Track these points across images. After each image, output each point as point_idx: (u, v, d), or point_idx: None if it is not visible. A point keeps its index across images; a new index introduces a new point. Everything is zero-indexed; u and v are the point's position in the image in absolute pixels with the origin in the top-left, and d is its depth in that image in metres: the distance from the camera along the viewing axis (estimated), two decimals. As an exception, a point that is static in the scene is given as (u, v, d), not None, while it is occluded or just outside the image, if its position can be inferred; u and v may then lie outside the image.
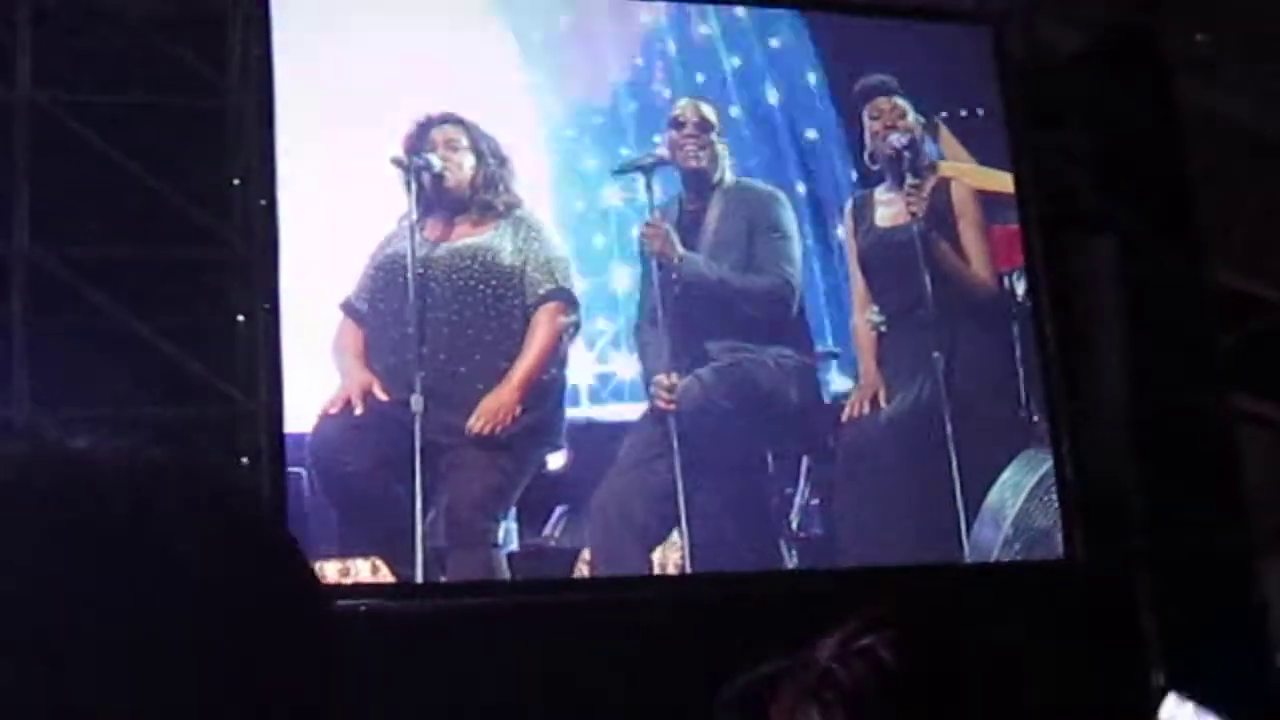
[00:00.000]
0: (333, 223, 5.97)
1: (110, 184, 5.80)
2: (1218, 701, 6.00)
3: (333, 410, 5.82)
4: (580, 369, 6.22)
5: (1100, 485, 6.67)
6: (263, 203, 5.86)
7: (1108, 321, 6.95)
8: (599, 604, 5.88)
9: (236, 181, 6.03)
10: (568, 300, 6.19)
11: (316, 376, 5.86)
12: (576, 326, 6.18)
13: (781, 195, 6.50)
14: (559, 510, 6.02)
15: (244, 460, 5.70)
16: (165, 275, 5.93)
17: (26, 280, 5.77)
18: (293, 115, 5.94)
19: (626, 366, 6.31)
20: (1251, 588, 6.71)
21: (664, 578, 6.08)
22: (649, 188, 6.32)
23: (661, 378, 6.17)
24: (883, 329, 6.50)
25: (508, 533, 5.94)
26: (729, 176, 6.46)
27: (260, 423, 5.74)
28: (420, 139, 6.09)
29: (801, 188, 6.60)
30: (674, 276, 6.28)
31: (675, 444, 6.08)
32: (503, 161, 6.16)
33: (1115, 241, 7.03)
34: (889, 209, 6.64)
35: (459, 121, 6.17)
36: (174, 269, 5.98)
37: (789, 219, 6.47)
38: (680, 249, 6.30)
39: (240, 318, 5.93)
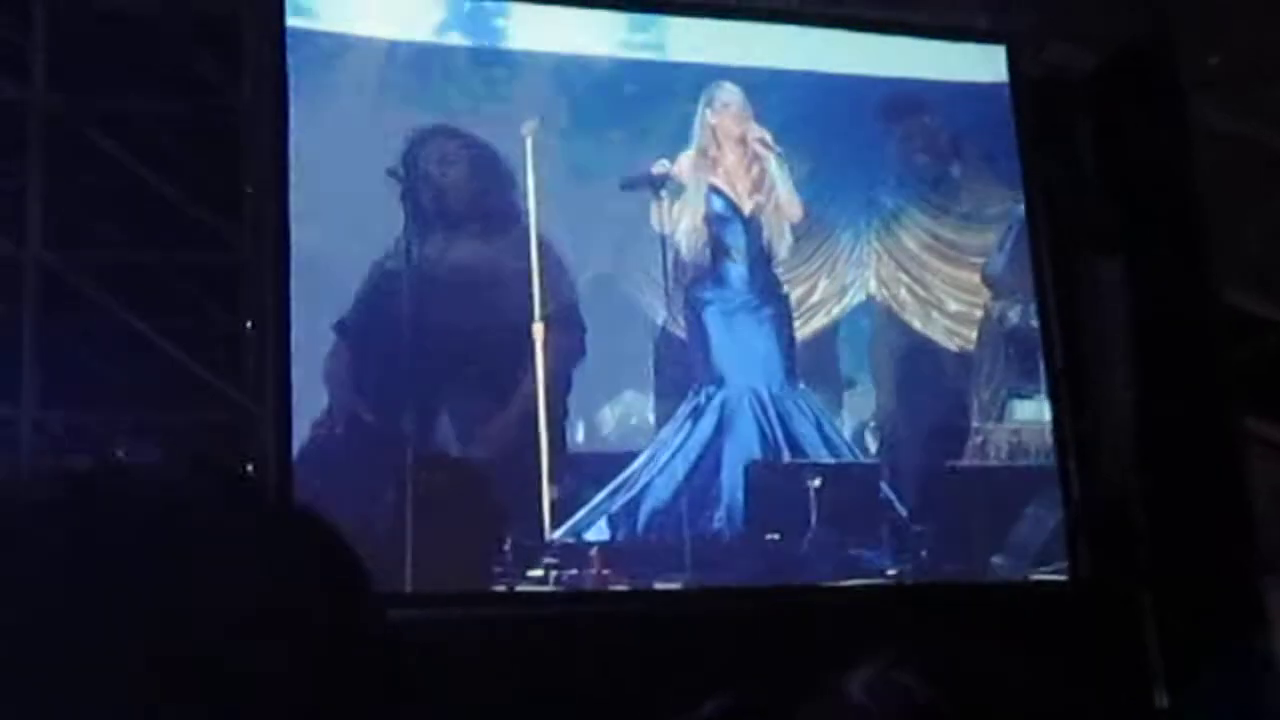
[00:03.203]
0: (333, 236, 5.99)
1: (122, 188, 5.81)
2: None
3: (321, 430, 5.83)
4: (585, 397, 6.24)
5: (1106, 505, 6.73)
6: (274, 209, 5.88)
7: (1115, 341, 6.98)
8: (599, 618, 5.92)
9: (248, 189, 6.04)
10: (572, 320, 6.21)
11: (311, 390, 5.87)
12: (582, 349, 6.20)
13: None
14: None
15: (250, 467, 5.69)
16: (175, 280, 5.96)
17: (38, 283, 5.78)
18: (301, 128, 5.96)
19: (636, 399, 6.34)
20: (1257, 608, 6.72)
21: (664, 592, 6.12)
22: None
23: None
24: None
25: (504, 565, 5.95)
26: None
27: (267, 429, 5.74)
28: (417, 150, 6.12)
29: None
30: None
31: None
32: (504, 173, 6.17)
33: (1124, 260, 7.06)
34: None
35: (455, 133, 6.20)
36: (184, 274, 5.99)
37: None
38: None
39: (249, 324, 5.94)
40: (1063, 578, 6.55)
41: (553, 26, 6.51)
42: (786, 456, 6.40)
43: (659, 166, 6.45)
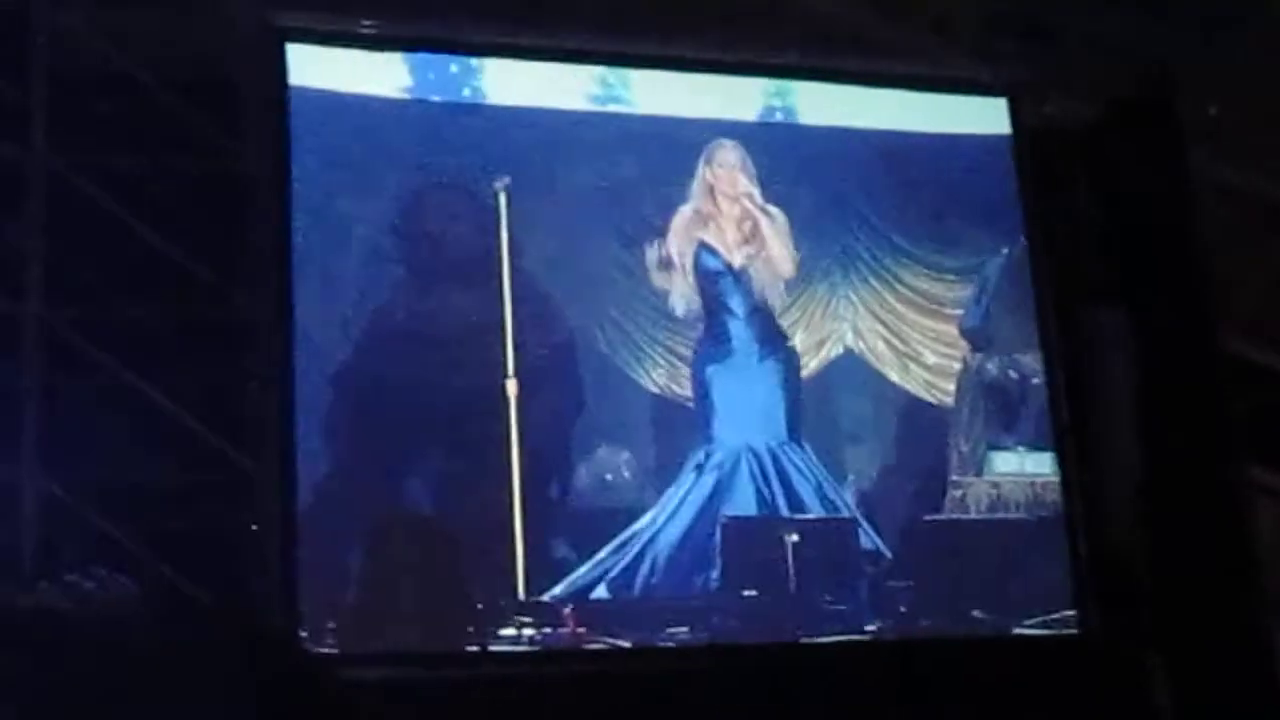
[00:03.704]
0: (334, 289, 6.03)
1: (123, 247, 5.82)
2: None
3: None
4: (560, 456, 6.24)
5: (1112, 556, 6.67)
6: (276, 269, 5.92)
7: (1118, 391, 6.95)
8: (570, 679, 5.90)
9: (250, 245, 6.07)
10: (547, 377, 6.21)
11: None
12: (557, 406, 6.20)
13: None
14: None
15: (254, 528, 5.71)
16: (178, 339, 5.92)
17: (38, 342, 5.78)
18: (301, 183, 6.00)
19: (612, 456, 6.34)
20: (1266, 658, 6.68)
21: (657, 650, 6.10)
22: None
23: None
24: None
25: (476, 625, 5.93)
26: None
27: (271, 491, 5.75)
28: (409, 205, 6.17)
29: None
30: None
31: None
32: (480, 228, 6.20)
33: (1125, 311, 7.04)
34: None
35: (440, 187, 6.23)
36: (187, 333, 5.94)
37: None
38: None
39: (254, 383, 5.92)
40: (1049, 632, 6.49)
41: (528, 80, 6.52)
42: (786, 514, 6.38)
43: (649, 223, 6.45)
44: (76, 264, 5.86)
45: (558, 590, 6.03)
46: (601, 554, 6.16)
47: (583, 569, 6.11)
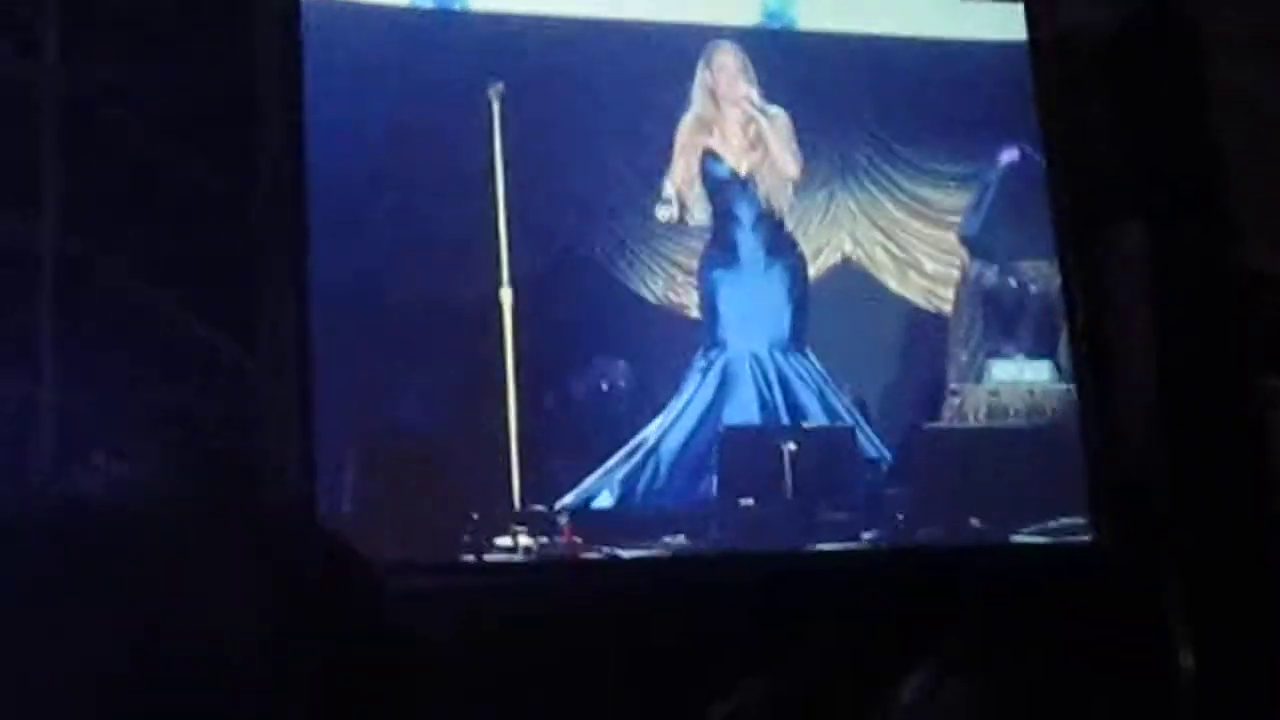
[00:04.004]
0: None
1: (143, 167, 5.76)
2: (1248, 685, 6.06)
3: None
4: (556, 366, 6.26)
5: (1127, 467, 6.65)
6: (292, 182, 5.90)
7: (1135, 303, 6.92)
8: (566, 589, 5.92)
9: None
10: (542, 286, 6.22)
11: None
12: (552, 315, 6.22)
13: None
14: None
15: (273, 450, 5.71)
16: (199, 261, 5.83)
17: (55, 262, 5.77)
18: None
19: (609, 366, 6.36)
20: (1275, 569, 6.68)
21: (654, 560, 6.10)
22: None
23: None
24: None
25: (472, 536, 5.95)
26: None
27: (292, 415, 5.74)
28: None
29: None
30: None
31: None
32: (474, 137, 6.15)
33: (1143, 223, 6.98)
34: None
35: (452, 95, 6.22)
36: (208, 255, 5.84)
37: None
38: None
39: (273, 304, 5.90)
40: (1045, 540, 6.48)
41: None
42: (786, 422, 6.37)
43: (649, 132, 6.40)
44: (90, 182, 5.81)
45: (554, 501, 6.02)
46: (599, 464, 6.16)
47: (579, 479, 6.12)
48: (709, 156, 6.48)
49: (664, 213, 6.38)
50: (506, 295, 6.05)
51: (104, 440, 5.57)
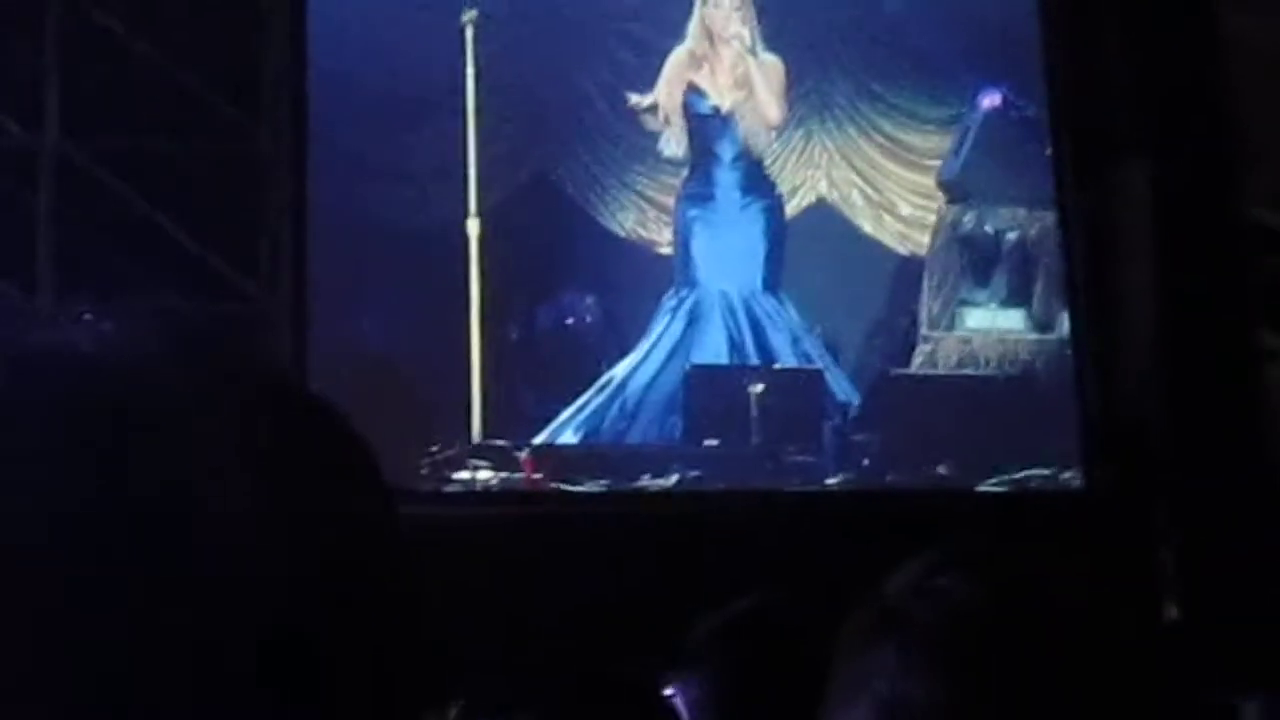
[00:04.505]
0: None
1: (140, 77, 5.78)
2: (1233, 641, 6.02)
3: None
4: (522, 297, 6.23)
5: (1123, 416, 6.61)
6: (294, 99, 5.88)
7: (1136, 250, 6.84)
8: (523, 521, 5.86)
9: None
10: (510, 217, 6.15)
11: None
12: (519, 247, 6.13)
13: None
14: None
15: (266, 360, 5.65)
16: (193, 170, 5.86)
17: (54, 172, 5.78)
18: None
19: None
20: (1272, 525, 6.64)
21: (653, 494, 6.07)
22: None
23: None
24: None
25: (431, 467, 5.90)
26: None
27: (284, 323, 5.76)
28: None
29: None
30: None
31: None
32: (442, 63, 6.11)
33: (1148, 169, 6.90)
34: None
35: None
36: (204, 165, 5.88)
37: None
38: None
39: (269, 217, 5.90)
40: (1004, 489, 6.42)
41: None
42: (756, 363, 6.30)
43: (635, 65, 6.31)
44: (92, 94, 5.82)
45: (516, 435, 5.95)
46: (563, 399, 6.09)
47: (543, 414, 6.05)
48: (693, 91, 6.40)
49: (649, 122, 6.29)
50: (474, 225, 5.97)
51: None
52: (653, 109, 6.31)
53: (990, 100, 6.75)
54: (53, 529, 0.74)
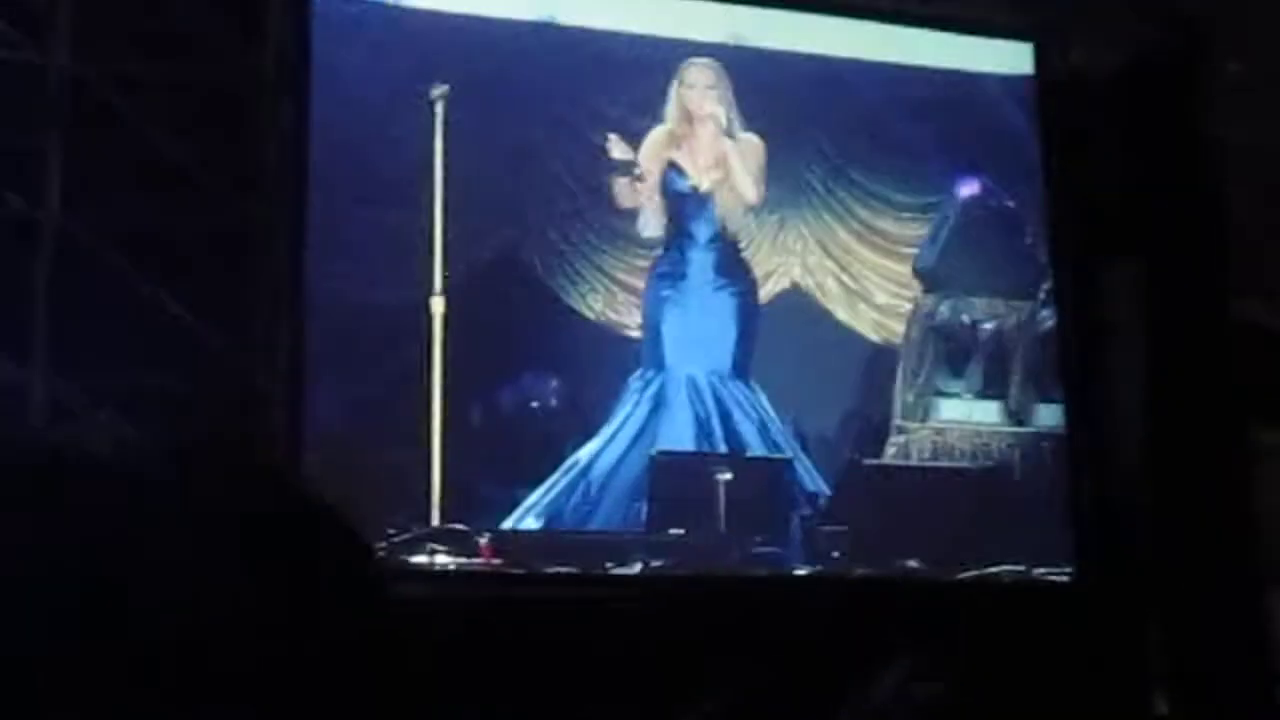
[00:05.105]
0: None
1: (141, 154, 5.75)
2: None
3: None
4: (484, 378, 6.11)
5: (1112, 508, 6.55)
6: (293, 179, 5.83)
7: (1130, 344, 6.79)
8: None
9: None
10: (474, 296, 6.06)
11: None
12: (484, 327, 6.04)
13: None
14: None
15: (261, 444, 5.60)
16: (190, 247, 5.86)
17: (53, 244, 5.72)
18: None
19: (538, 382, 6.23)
20: (1260, 620, 6.55)
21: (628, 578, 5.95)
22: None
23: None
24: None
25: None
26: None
27: (279, 407, 5.67)
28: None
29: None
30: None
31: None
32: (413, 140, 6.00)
33: (1140, 266, 6.85)
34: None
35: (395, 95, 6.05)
36: (203, 243, 5.88)
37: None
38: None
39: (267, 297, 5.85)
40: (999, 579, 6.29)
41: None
42: (723, 451, 6.18)
43: (616, 144, 6.22)
44: (93, 167, 5.79)
45: (476, 519, 5.84)
46: (525, 483, 5.98)
47: (503, 498, 5.93)
48: (672, 169, 6.32)
49: (624, 196, 6.20)
50: (438, 304, 5.87)
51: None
52: (632, 170, 6.21)
53: (969, 189, 6.69)
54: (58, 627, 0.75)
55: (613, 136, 6.21)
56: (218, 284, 5.82)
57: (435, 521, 5.77)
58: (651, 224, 6.29)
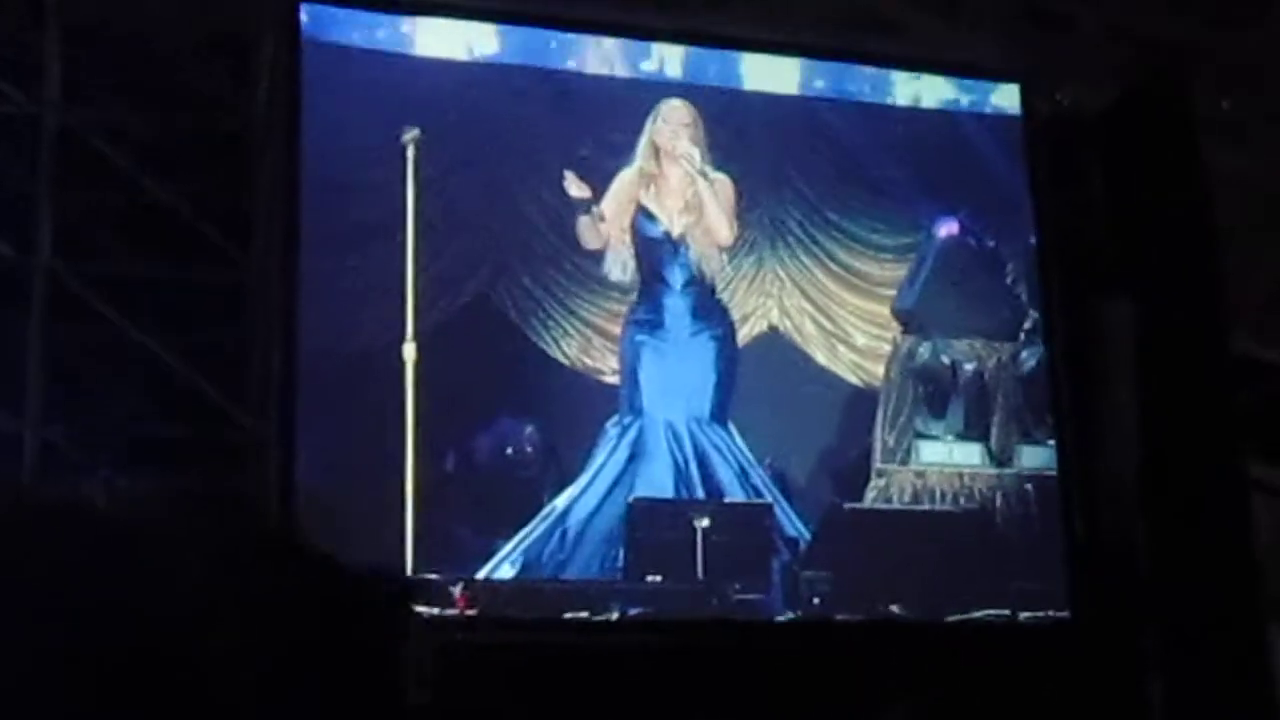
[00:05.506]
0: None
1: (132, 203, 5.77)
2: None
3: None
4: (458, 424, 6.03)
5: (1109, 546, 6.51)
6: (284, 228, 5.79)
7: (1122, 381, 6.73)
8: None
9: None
10: (447, 341, 5.98)
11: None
12: (457, 372, 5.95)
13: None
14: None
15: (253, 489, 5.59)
16: (182, 296, 5.82)
17: (46, 293, 5.71)
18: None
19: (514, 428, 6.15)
20: (1258, 654, 6.47)
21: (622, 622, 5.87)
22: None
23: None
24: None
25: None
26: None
27: (271, 452, 5.62)
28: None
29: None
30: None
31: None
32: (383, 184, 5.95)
33: (1133, 302, 6.81)
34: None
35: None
36: (194, 291, 5.85)
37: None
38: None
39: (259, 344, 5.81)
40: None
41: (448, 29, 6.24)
42: (701, 496, 6.10)
43: (573, 182, 6.14)
44: (85, 217, 5.81)
45: (451, 569, 5.74)
46: (500, 531, 5.88)
47: (479, 547, 5.84)
48: (642, 213, 6.25)
49: (586, 232, 6.13)
50: (410, 350, 5.79)
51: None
52: (590, 209, 6.14)
53: (948, 229, 6.64)
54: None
55: (569, 174, 6.13)
56: (209, 332, 5.78)
57: (409, 571, 5.66)
58: (617, 267, 6.22)
